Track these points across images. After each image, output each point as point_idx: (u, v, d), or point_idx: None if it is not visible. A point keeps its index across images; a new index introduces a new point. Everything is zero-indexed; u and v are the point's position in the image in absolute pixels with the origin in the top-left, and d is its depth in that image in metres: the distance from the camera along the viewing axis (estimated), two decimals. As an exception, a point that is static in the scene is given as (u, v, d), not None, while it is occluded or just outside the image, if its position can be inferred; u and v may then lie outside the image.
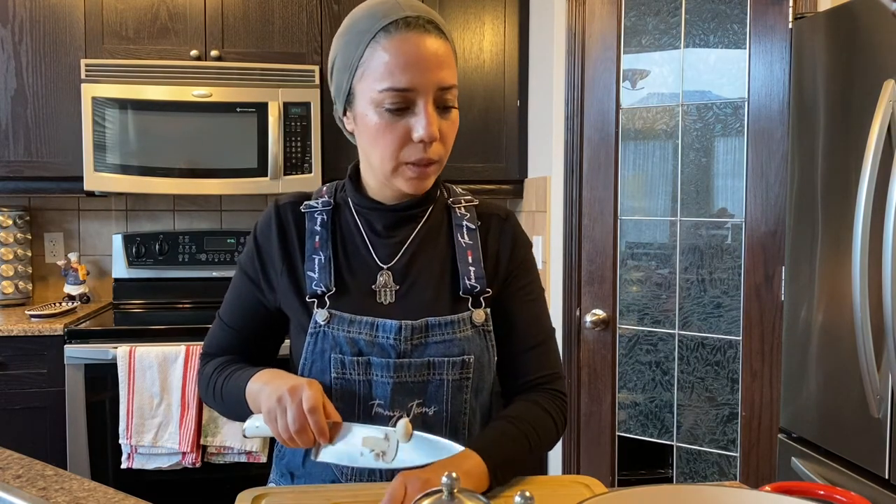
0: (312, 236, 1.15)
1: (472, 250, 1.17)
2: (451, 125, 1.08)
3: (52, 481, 1.07)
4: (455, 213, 1.21)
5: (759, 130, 2.27)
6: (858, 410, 1.68)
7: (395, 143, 1.05)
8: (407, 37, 1.03)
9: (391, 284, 1.14)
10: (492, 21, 3.03)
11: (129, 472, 2.50)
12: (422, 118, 1.03)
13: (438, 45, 1.04)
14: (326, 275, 1.13)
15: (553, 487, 1.06)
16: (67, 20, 2.79)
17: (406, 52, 1.02)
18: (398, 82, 1.02)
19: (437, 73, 1.03)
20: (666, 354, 2.47)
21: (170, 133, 2.76)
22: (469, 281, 1.15)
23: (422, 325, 1.10)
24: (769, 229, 2.26)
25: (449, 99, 1.06)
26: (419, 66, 1.02)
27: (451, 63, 1.07)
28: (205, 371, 1.21)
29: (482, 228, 1.20)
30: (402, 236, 1.16)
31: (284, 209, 1.18)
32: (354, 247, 1.16)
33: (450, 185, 1.27)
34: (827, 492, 0.84)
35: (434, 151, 1.06)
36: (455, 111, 1.09)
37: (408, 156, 1.06)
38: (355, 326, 1.10)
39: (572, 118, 2.61)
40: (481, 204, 1.24)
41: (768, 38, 2.24)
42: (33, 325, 2.55)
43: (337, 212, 1.18)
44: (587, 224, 2.60)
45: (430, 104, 1.04)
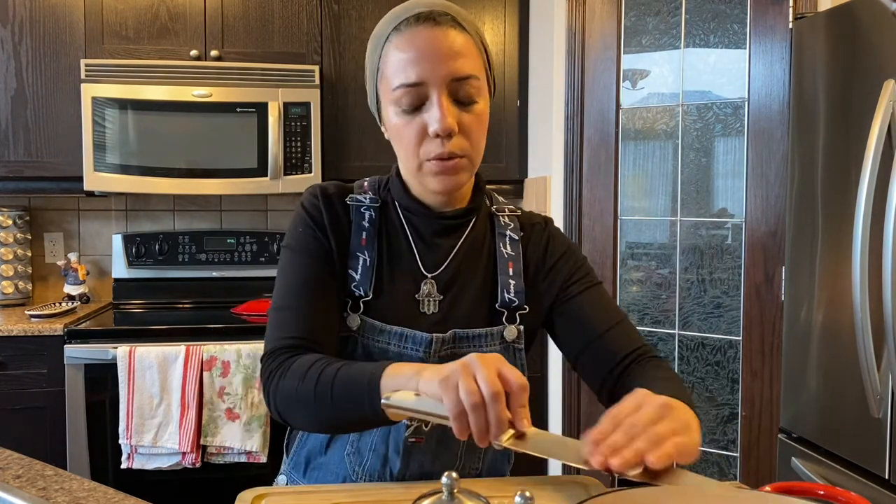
0: (360, 231, 1.10)
1: (514, 262, 1.14)
2: (474, 119, 1.05)
3: (52, 481, 1.07)
4: (499, 222, 1.18)
5: (759, 130, 2.27)
6: (858, 410, 1.68)
7: (414, 139, 1.03)
8: (416, 31, 1.01)
9: (435, 294, 1.11)
10: (492, 21, 3.03)
11: (129, 472, 2.50)
12: (435, 111, 1.01)
13: (451, 36, 1.01)
14: (367, 279, 1.08)
15: (553, 487, 1.06)
16: (67, 20, 2.79)
17: (415, 46, 1.01)
18: (408, 77, 1.01)
19: (449, 64, 1.00)
20: (666, 354, 2.47)
21: (170, 133, 2.76)
22: (508, 294, 1.12)
23: (451, 337, 1.08)
24: (769, 229, 2.26)
25: (468, 91, 1.02)
26: (428, 59, 1.00)
27: (469, 53, 1.03)
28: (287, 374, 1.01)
29: (524, 239, 1.17)
30: (447, 244, 1.12)
31: (333, 198, 1.11)
32: (399, 251, 1.12)
33: (493, 193, 1.23)
34: (827, 492, 0.84)
35: (455, 145, 1.03)
36: (479, 104, 1.05)
37: (428, 152, 1.03)
38: (385, 336, 1.07)
39: (572, 118, 2.61)
40: (523, 215, 1.21)
41: (768, 38, 2.24)
42: (33, 325, 2.55)
43: (384, 210, 1.14)
44: (587, 224, 2.60)
45: (444, 96, 1.01)
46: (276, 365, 1.03)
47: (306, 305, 1.06)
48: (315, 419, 1.00)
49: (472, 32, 1.05)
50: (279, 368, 1.02)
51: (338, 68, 2.93)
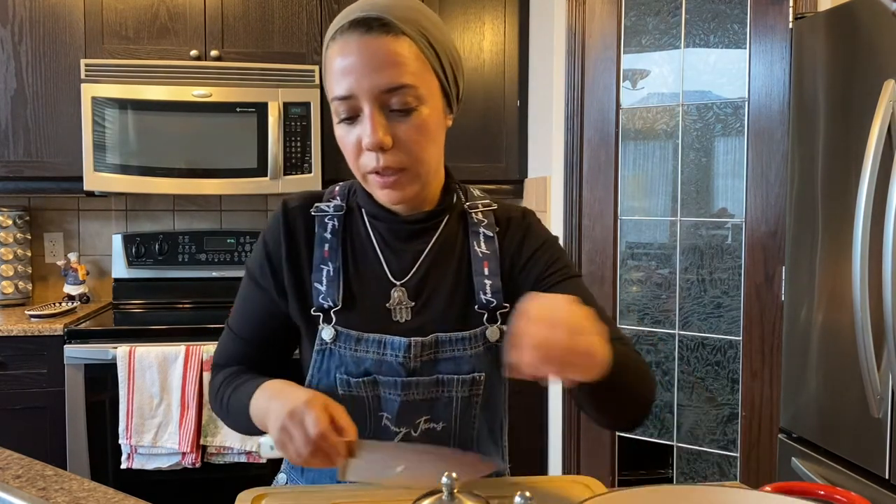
0: (322, 244, 1.09)
1: (489, 260, 1.10)
2: (412, 129, 0.99)
3: (52, 481, 1.07)
4: (471, 219, 1.13)
5: (759, 130, 2.27)
6: (858, 410, 1.68)
7: (352, 153, 1.00)
8: (347, 40, 0.97)
9: (406, 302, 1.08)
10: (492, 21, 3.03)
11: (129, 472, 2.50)
12: (366, 125, 0.97)
13: (383, 43, 0.96)
14: (334, 289, 1.07)
15: (553, 487, 1.06)
16: (67, 20, 2.79)
17: (344, 56, 0.97)
18: (339, 90, 0.97)
19: (379, 75, 0.95)
20: (666, 354, 2.47)
21: (170, 133, 2.76)
22: (485, 295, 1.08)
23: (431, 341, 1.05)
24: (769, 229, 2.26)
25: (403, 101, 0.97)
26: (355, 70, 0.96)
27: (404, 60, 0.96)
28: (213, 383, 1.15)
29: (500, 234, 1.12)
30: (416, 250, 1.09)
31: (294, 212, 1.11)
32: (366, 259, 1.09)
33: (468, 186, 1.19)
34: (827, 492, 0.84)
35: (391, 160, 0.98)
36: (422, 112, 0.99)
37: (365, 165, 1.00)
38: (362, 345, 1.05)
39: (572, 118, 2.61)
40: (500, 208, 1.15)
41: (768, 38, 2.24)
42: (33, 325, 2.55)
43: (349, 217, 1.11)
44: (587, 224, 2.60)
45: (375, 109, 0.96)
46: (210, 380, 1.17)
47: (245, 331, 1.14)
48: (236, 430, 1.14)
49: (413, 35, 0.98)
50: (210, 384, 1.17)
51: (338, 68, 2.93)
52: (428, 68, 1.00)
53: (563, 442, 2.69)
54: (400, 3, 0.99)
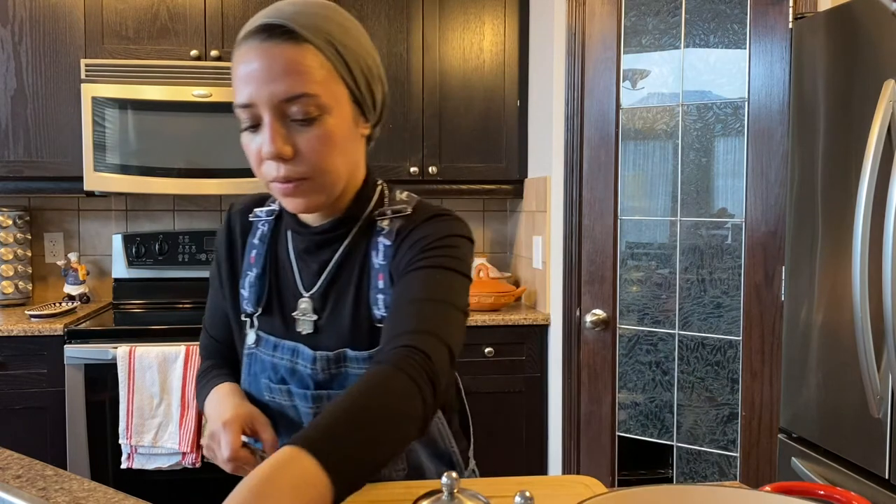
0: (250, 250, 1.11)
1: (384, 272, 1.04)
2: (314, 139, 0.95)
3: (52, 481, 1.07)
4: (376, 227, 1.07)
5: (759, 130, 2.27)
6: (858, 410, 1.68)
7: (255, 161, 0.98)
8: (249, 48, 0.94)
9: (310, 314, 1.07)
10: (492, 21, 3.03)
11: (129, 472, 2.50)
12: (265, 134, 0.94)
13: (282, 51, 0.92)
14: (254, 294, 1.10)
15: (553, 487, 1.06)
16: (67, 20, 2.79)
17: (244, 64, 0.94)
18: (239, 99, 0.95)
19: (276, 84, 0.92)
20: (666, 354, 2.47)
21: (170, 133, 2.76)
22: (378, 311, 1.04)
23: (338, 357, 1.04)
24: (769, 229, 2.26)
25: (303, 110, 0.93)
26: (254, 79, 0.93)
27: (305, 69, 0.93)
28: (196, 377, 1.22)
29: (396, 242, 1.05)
30: (322, 260, 1.07)
31: (235, 216, 1.14)
32: (285, 267, 1.10)
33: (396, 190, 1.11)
34: (827, 492, 0.84)
35: (292, 170, 0.95)
36: (321, 123, 0.95)
37: (267, 174, 0.97)
38: (279, 351, 1.07)
39: (572, 118, 2.61)
40: (415, 211, 1.07)
41: (768, 38, 2.24)
42: (33, 325, 2.55)
43: (279, 223, 1.12)
44: (587, 224, 2.60)
45: (274, 119, 0.94)
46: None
47: (213, 330, 1.20)
48: None
49: (318, 43, 0.94)
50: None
51: (338, 68, 2.93)
52: (335, 77, 0.96)
53: (563, 442, 2.69)
54: (307, 10, 0.96)
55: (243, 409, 1.03)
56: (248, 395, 1.11)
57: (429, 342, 0.90)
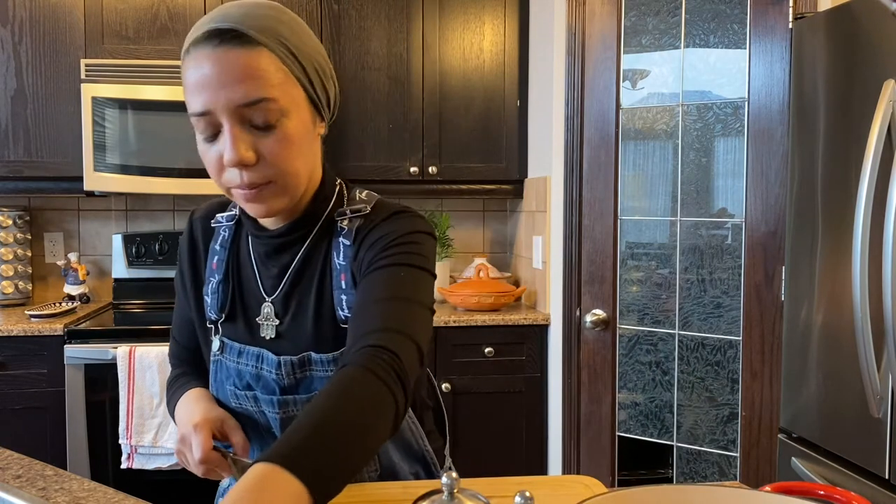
0: (212, 255, 1.10)
1: (346, 272, 1.03)
2: (276, 143, 0.93)
3: (51, 481, 1.07)
4: (336, 228, 1.06)
5: (759, 130, 2.27)
6: (858, 410, 1.68)
7: (214, 169, 0.96)
8: (200, 53, 0.91)
9: (272, 319, 1.06)
10: (492, 21, 3.03)
11: (129, 472, 2.50)
12: (226, 142, 0.92)
13: (236, 56, 0.90)
14: (217, 300, 1.09)
15: (553, 487, 1.06)
16: (67, 20, 2.79)
17: (197, 71, 0.91)
18: (194, 107, 0.93)
19: (233, 90, 0.90)
20: (666, 354, 2.47)
21: (170, 133, 2.76)
22: (342, 311, 1.02)
23: (303, 360, 1.03)
24: (769, 229, 2.26)
25: (263, 116, 0.92)
26: (210, 86, 0.90)
27: (262, 74, 0.91)
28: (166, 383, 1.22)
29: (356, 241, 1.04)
30: (283, 264, 1.06)
31: (196, 223, 1.14)
32: (246, 272, 1.09)
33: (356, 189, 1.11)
34: (827, 492, 0.84)
35: (256, 175, 0.94)
36: (282, 126, 0.93)
37: (229, 181, 0.95)
38: (243, 357, 1.06)
39: (572, 118, 2.61)
40: (375, 210, 1.06)
41: (768, 38, 2.24)
42: (33, 325, 2.55)
43: (240, 228, 1.11)
44: (587, 224, 2.60)
45: (234, 125, 0.92)
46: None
47: (179, 336, 1.20)
48: None
49: (271, 46, 0.92)
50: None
51: (338, 68, 2.93)
52: (290, 79, 0.95)
53: (563, 442, 2.69)
54: (256, 13, 0.94)
55: (213, 413, 1.03)
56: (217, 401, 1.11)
57: (395, 340, 0.88)
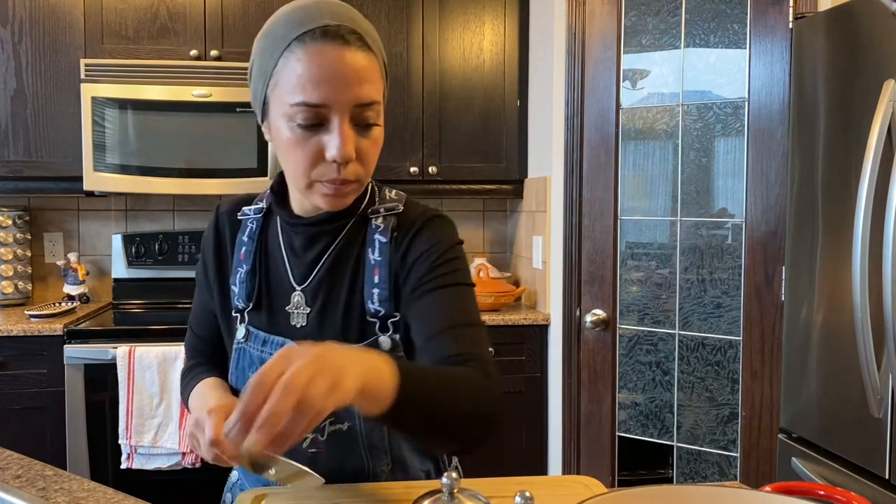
0: (240, 247, 1.13)
1: (380, 268, 1.07)
2: (371, 144, 1.00)
3: (51, 481, 1.07)
4: (370, 224, 1.10)
5: (759, 130, 2.27)
6: (858, 410, 1.68)
7: (307, 160, 0.98)
8: (322, 49, 0.94)
9: (303, 307, 1.09)
10: (492, 21, 3.03)
11: (129, 473, 2.50)
12: (335, 137, 0.95)
13: (359, 59, 0.96)
14: (245, 289, 1.11)
15: (553, 487, 1.06)
16: (67, 20, 2.79)
17: (321, 65, 0.94)
18: (311, 97, 0.94)
19: (355, 90, 0.95)
20: (666, 354, 2.47)
21: (170, 133, 2.76)
22: (373, 305, 1.07)
23: None
24: (769, 229, 2.26)
25: (369, 116, 0.98)
26: (334, 82, 0.94)
27: (374, 77, 0.98)
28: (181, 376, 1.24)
29: (397, 240, 1.08)
30: (315, 254, 1.09)
31: (223, 216, 1.16)
32: (275, 262, 1.12)
33: (385, 189, 1.16)
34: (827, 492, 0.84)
35: (351, 172, 0.98)
36: (377, 129, 1.01)
37: (321, 174, 0.99)
38: (268, 346, 1.08)
39: (572, 118, 2.61)
40: (405, 210, 1.11)
41: (768, 38, 2.24)
42: (33, 325, 2.55)
43: (268, 220, 1.14)
44: (587, 224, 2.60)
45: (346, 122, 0.96)
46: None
47: (198, 328, 1.23)
48: None
49: (376, 52, 1.00)
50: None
51: (338, 68, 2.93)
52: (383, 87, 1.02)
53: (563, 442, 2.69)
54: (361, 17, 1.00)
55: (227, 400, 1.04)
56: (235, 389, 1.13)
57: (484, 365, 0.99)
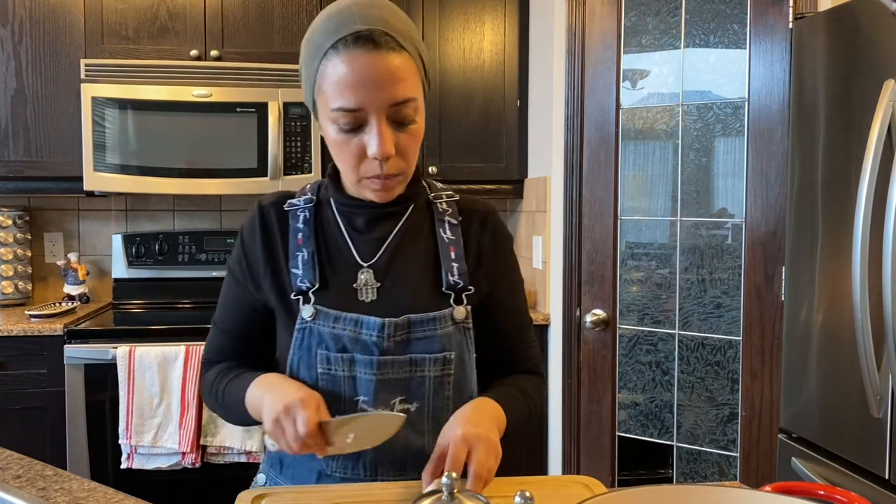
0: (296, 234, 1.16)
1: (455, 246, 1.18)
2: (410, 138, 1.07)
3: (51, 481, 1.07)
4: (437, 208, 1.21)
5: (759, 130, 2.27)
6: (858, 410, 1.68)
7: (352, 159, 1.06)
8: (355, 55, 1.01)
9: (372, 282, 1.14)
10: (492, 21, 3.03)
11: (129, 472, 2.50)
12: (374, 137, 1.03)
13: (392, 60, 1.02)
14: (310, 271, 1.14)
15: (553, 487, 1.06)
16: (67, 20, 2.79)
17: (354, 71, 1.01)
18: (347, 103, 1.01)
19: (389, 91, 1.02)
20: (666, 354, 2.47)
21: (170, 133, 2.76)
22: (452, 277, 1.15)
23: (404, 322, 1.10)
24: (769, 229, 2.26)
25: (407, 113, 1.04)
26: (368, 85, 1.01)
27: (409, 75, 1.04)
28: (206, 378, 1.22)
29: (463, 224, 1.20)
30: (382, 233, 1.17)
31: (268, 209, 1.19)
32: (336, 244, 1.16)
33: (431, 181, 1.27)
34: (827, 492, 0.84)
35: (392, 166, 1.06)
36: (416, 125, 1.07)
37: (366, 171, 1.07)
38: (340, 323, 1.11)
39: (572, 118, 2.61)
40: (462, 200, 1.24)
41: (768, 38, 2.24)
42: (33, 325, 2.55)
43: (319, 209, 1.19)
44: (587, 224, 2.60)
45: (383, 122, 1.03)
46: (201, 375, 1.25)
47: (229, 325, 1.22)
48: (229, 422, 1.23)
49: (410, 50, 1.05)
50: (201, 379, 1.25)
51: (338, 68, 2.93)
52: (420, 79, 1.07)
53: (563, 442, 2.69)
54: (394, 15, 1.05)
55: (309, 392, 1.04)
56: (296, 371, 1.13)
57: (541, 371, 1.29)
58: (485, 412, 1.05)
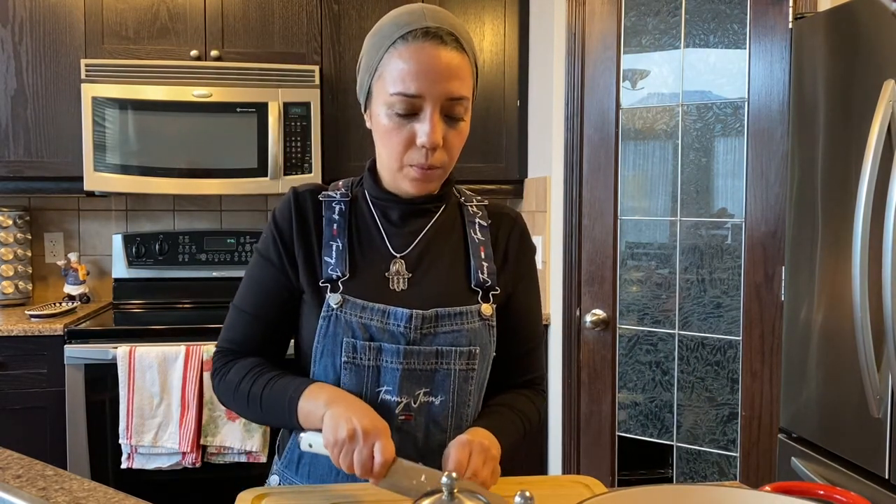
0: (330, 224, 1.19)
1: (485, 246, 1.22)
2: (457, 135, 1.13)
3: (52, 481, 1.07)
4: (468, 210, 1.26)
5: (759, 130, 2.27)
6: (858, 410, 1.68)
7: (401, 145, 1.10)
8: (422, 46, 1.08)
9: (404, 272, 1.17)
10: (492, 21, 3.03)
11: (129, 472, 2.50)
12: (426, 125, 1.08)
13: (453, 57, 1.09)
14: (342, 261, 1.16)
15: (553, 487, 1.06)
16: (67, 20, 2.79)
17: (419, 60, 1.07)
18: (408, 88, 1.07)
19: (447, 84, 1.08)
20: (666, 354, 2.47)
21: (170, 133, 2.76)
22: (482, 275, 1.19)
23: (432, 315, 1.13)
24: (769, 229, 2.26)
25: (458, 110, 1.11)
26: (430, 75, 1.07)
27: (465, 75, 1.10)
28: (227, 376, 1.18)
29: (493, 227, 1.25)
30: (416, 227, 1.20)
31: (303, 196, 1.21)
32: (369, 236, 1.20)
33: (461, 187, 1.32)
34: (827, 492, 0.84)
35: (437, 158, 1.11)
36: (464, 123, 1.13)
37: (411, 159, 1.11)
38: (367, 312, 1.13)
39: (572, 118, 2.61)
40: (492, 204, 1.29)
41: (768, 38, 2.24)
42: (33, 325, 2.55)
43: (354, 204, 1.22)
44: (587, 224, 2.60)
45: (437, 112, 1.08)
46: (220, 365, 1.20)
47: (253, 308, 1.20)
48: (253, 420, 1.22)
49: (469, 54, 1.12)
50: (221, 369, 1.20)
51: (338, 68, 2.93)
52: (473, 83, 1.14)
53: (563, 442, 2.69)
54: (459, 23, 1.14)
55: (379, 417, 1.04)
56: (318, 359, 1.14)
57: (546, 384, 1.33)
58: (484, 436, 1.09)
